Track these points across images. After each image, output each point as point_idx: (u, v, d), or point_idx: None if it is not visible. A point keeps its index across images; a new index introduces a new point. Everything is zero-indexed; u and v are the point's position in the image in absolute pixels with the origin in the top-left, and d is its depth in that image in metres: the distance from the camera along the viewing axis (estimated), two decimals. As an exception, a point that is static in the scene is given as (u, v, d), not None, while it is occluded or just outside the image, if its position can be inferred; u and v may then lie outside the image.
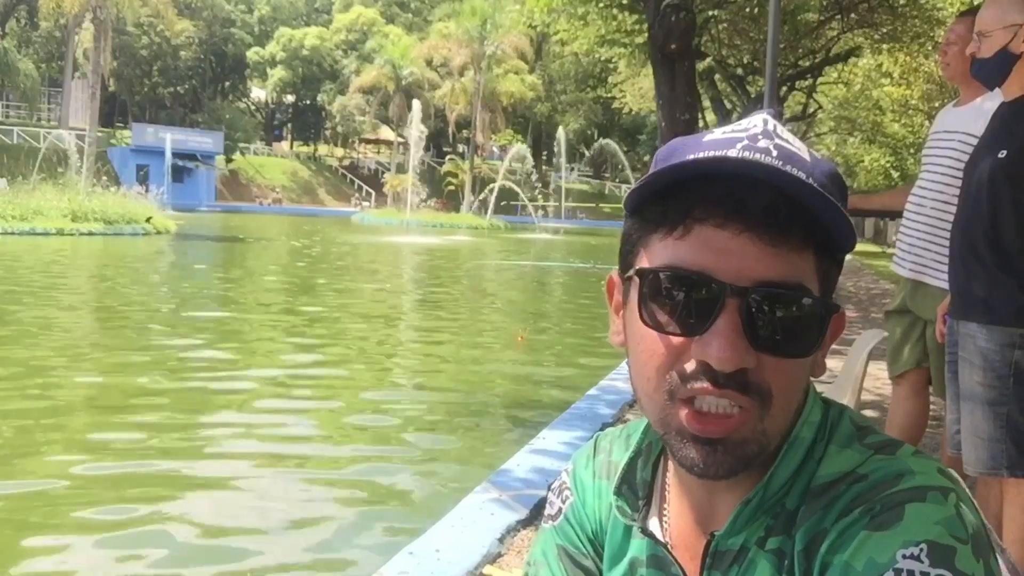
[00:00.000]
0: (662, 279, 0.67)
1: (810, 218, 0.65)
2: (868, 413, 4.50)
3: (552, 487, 0.91)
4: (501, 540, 2.68)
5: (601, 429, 4.03)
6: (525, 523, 2.84)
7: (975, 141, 2.54)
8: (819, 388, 0.76)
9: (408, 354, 7.68)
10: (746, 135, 0.67)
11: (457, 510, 2.90)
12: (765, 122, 0.68)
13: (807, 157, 0.67)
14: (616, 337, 0.76)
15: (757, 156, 0.64)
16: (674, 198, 0.67)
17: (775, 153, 0.65)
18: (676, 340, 0.67)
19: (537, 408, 5.46)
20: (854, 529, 0.63)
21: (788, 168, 0.64)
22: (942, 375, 2.83)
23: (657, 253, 0.68)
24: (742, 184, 0.64)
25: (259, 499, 3.77)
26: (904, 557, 0.60)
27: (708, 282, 0.65)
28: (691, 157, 0.66)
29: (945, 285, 2.72)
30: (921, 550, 0.60)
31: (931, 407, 3.04)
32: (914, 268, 2.81)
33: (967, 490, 0.66)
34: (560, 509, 0.88)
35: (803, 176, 0.64)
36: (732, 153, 0.65)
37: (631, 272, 0.71)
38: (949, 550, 0.60)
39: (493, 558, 2.57)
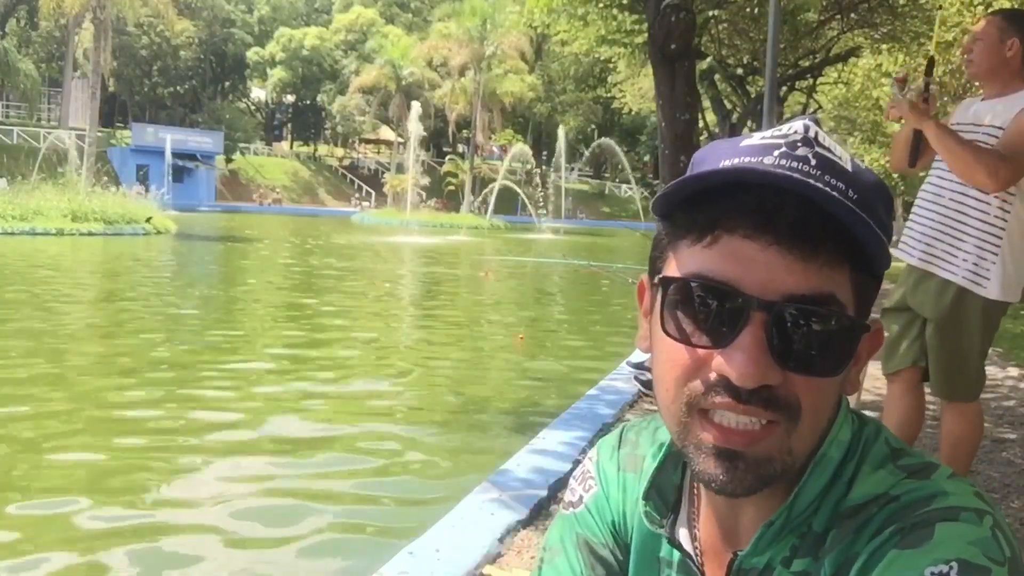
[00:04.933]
0: (686, 288, 0.65)
1: (844, 232, 0.62)
2: (868, 413, 4.50)
3: (575, 474, 0.89)
4: (501, 540, 2.67)
5: (601, 429, 4.03)
6: (525, 523, 2.84)
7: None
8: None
9: (408, 354, 7.67)
10: (784, 142, 0.64)
11: (457, 510, 2.90)
12: (806, 128, 0.65)
13: (848, 167, 0.64)
14: (643, 342, 0.73)
15: (794, 164, 0.62)
16: (703, 205, 0.64)
17: (814, 162, 0.63)
18: (698, 351, 0.64)
19: (537, 408, 5.47)
20: (884, 548, 0.61)
21: (825, 178, 0.61)
22: (939, 373, 2.83)
23: (685, 260, 0.66)
24: (772, 195, 0.61)
25: (259, 499, 3.77)
26: (933, 574, 0.57)
27: (734, 294, 0.62)
28: (723, 163, 0.64)
29: (950, 276, 2.72)
30: (952, 568, 0.57)
31: (929, 407, 3.04)
32: (923, 258, 2.79)
33: (1003, 516, 0.64)
34: (581, 498, 0.86)
35: (841, 187, 0.62)
36: (768, 160, 0.63)
37: (656, 279, 0.69)
38: (983, 570, 0.57)
39: (493, 558, 2.57)
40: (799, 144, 0.64)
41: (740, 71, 14.67)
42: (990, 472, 3.65)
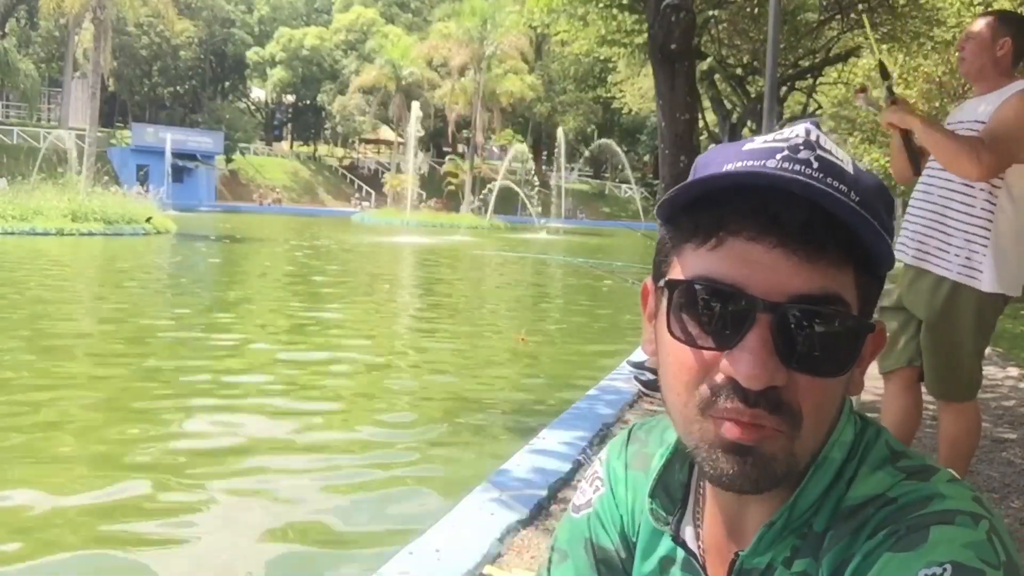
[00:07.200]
0: (692, 291, 0.65)
1: (848, 234, 0.62)
2: (868, 413, 4.50)
3: (585, 475, 0.90)
4: (501, 540, 2.67)
5: (601, 429, 4.04)
6: (525, 523, 2.84)
7: None
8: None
9: (407, 354, 7.67)
10: (787, 145, 0.64)
11: (457, 510, 2.90)
12: (807, 132, 0.65)
13: (850, 170, 0.65)
14: (648, 346, 0.73)
15: (797, 168, 0.62)
16: (707, 209, 0.65)
17: (816, 165, 0.63)
18: (705, 354, 0.65)
19: (537, 408, 5.46)
20: (878, 551, 0.61)
21: (827, 181, 0.62)
22: (933, 373, 2.83)
23: (689, 263, 0.66)
24: (777, 197, 0.62)
25: (258, 499, 3.77)
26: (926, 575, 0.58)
27: (739, 296, 0.63)
28: (727, 167, 0.64)
29: (943, 272, 2.73)
30: (945, 570, 0.57)
31: (928, 406, 3.04)
32: (917, 255, 2.80)
33: (1003, 522, 0.63)
34: (589, 500, 0.87)
35: (843, 189, 0.62)
36: (771, 164, 0.63)
37: (661, 283, 0.69)
38: (977, 572, 0.57)
39: (493, 558, 2.57)
40: (801, 147, 0.64)
41: (740, 71, 14.67)
42: (990, 472, 3.65)
